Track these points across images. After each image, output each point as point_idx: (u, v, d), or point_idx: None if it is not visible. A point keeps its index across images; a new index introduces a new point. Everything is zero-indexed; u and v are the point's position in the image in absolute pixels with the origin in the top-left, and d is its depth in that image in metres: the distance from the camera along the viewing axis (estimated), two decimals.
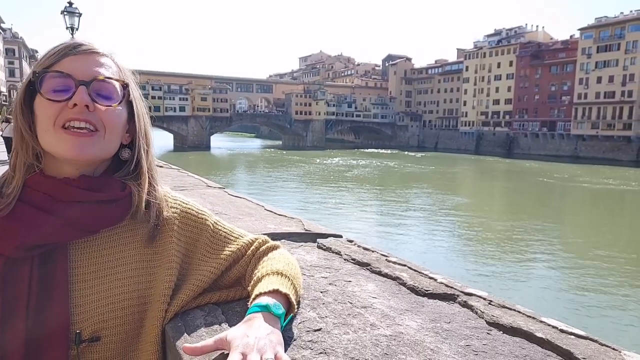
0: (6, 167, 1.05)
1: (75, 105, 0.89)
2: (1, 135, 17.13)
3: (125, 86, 0.98)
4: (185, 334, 0.95)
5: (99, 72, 0.93)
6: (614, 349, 0.95)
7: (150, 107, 1.09)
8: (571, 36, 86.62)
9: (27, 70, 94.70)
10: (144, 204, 0.99)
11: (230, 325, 0.99)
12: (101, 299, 0.92)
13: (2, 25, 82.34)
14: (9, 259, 0.86)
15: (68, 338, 0.87)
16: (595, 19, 79.05)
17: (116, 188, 0.97)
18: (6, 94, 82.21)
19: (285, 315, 0.95)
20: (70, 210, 0.90)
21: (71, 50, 0.93)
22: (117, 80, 0.96)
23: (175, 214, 1.05)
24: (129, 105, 1.00)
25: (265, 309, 0.90)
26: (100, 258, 0.94)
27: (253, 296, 0.95)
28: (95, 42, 0.97)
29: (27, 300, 0.85)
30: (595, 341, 0.98)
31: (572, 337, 1.00)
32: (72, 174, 0.94)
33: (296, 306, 1.02)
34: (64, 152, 0.90)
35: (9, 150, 15.69)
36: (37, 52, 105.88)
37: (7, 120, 16.87)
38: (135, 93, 1.02)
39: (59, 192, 0.91)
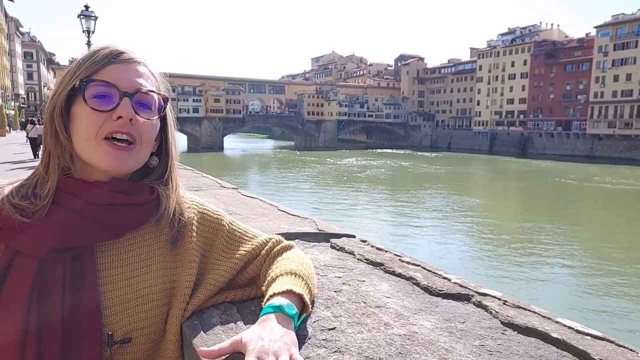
0: (23, 170, 1.07)
1: (119, 117, 0.90)
2: (27, 137, 17.73)
3: (165, 100, 1.00)
4: (202, 332, 0.96)
5: (141, 83, 0.95)
6: (631, 350, 0.94)
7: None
8: (587, 34, 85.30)
9: (45, 73, 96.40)
10: (172, 209, 1.01)
11: (246, 324, 1.00)
12: (130, 300, 0.94)
13: (21, 29, 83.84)
14: (42, 262, 0.87)
15: (101, 340, 0.89)
16: (612, 16, 77.78)
17: (145, 192, 0.99)
18: (24, 96, 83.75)
19: (300, 314, 0.96)
20: (101, 212, 0.92)
21: (113, 58, 0.94)
22: (157, 93, 0.98)
23: (194, 215, 1.07)
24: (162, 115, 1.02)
25: (278, 309, 0.90)
26: (126, 260, 0.96)
27: (267, 297, 0.95)
28: (132, 49, 0.98)
29: (62, 303, 0.86)
30: (612, 342, 0.97)
31: (589, 337, 0.99)
32: (103, 177, 0.96)
33: (310, 306, 1.02)
34: (102, 164, 0.92)
35: (33, 150, 16.18)
36: (54, 55, 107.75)
37: (32, 122, 17.33)
38: (169, 104, 1.04)
39: (91, 195, 0.92)
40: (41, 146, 1.02)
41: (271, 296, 0.94)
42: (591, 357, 0.90)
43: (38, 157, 14.74)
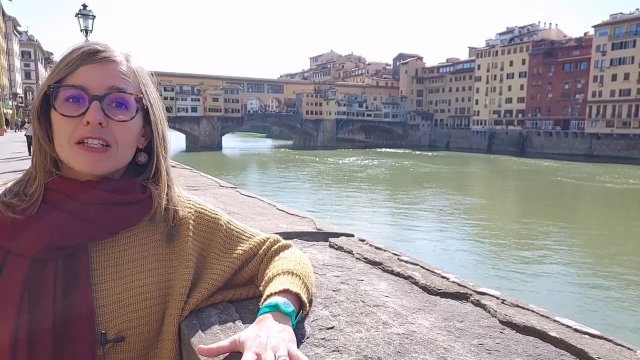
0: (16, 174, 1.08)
1: (88, 123, 0.89)
2: (25, 135, 18.02)
3: (139, 99, 0.96)
4: (200, 331, 0.96)
5: (114, 84, 0.92)
6: (629, 348, 0.94)
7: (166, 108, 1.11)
8: (585, 33, 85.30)
9: (43, 72, 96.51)
10: (163, 207, 1.00)
11: (244, 323, 1.00)
12: (124, 299, 0.94)
13: (18, 28, 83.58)
14: (34, 261, 0.88)
15: (94, 338, 0.89)
16: (610, 15, 77.89)
17: (137, 190, 0.99)
18: (22, 95, 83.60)
19: (297, 313, 0.96)
20: (93, 211, 0.92)
21: (87, 58, 0.92)
22: (131, 93, 0.95)
23: (190, 214, 1.07)
24: (145, 111, 0.99)
25: (275, 308, 0.90)
26: (120, 259, 0.96)
27: (264, 297, 0.96)
28: (111, 45, 0.96)
29: (53, 302, 0.86)
30: (610, 341, 0.97)
31: (587, 336, 0.99)
32: (94, 177, 0.95)
33: (308, 305, 1.02)
34: (79, 166, 0.91)
35: (29, 147, 16.28)
36: (52, 54, 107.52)
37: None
38: (153, 96, 1.01)
39: (82, 194, 0.93)
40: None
41: (268, 296, 0.95)
42: (589, 355, 0.90)
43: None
